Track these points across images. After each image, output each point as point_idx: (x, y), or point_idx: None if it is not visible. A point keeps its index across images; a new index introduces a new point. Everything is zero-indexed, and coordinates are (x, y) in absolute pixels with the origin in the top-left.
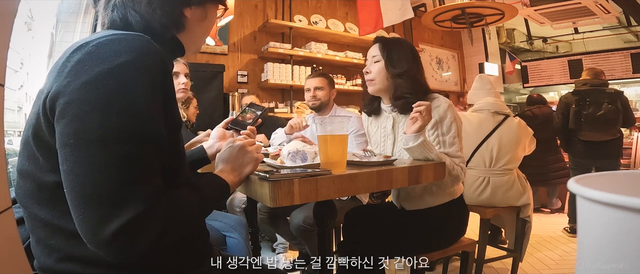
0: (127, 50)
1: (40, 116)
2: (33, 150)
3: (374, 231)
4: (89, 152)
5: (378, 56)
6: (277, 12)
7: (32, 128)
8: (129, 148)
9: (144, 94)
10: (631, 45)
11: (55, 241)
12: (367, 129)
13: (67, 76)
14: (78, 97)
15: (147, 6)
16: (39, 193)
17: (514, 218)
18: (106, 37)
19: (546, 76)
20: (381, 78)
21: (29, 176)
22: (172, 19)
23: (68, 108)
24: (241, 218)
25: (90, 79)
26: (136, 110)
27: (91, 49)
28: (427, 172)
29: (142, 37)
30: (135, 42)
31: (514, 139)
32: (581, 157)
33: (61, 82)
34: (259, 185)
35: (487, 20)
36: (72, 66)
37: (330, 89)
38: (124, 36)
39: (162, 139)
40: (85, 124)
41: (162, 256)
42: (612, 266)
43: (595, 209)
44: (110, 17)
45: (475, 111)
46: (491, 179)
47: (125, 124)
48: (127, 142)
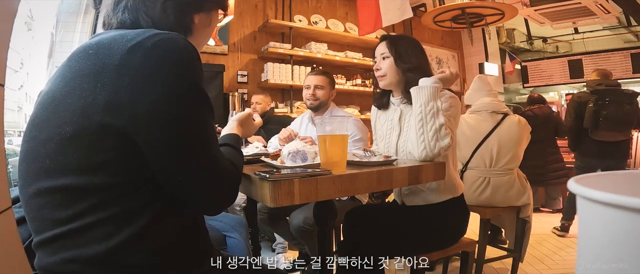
0: (183, 48)
1: (91, 116)
2: (64, 148)
3: (374, 231)
4: (197, 147)
5: (386, 53)
6: (277, 12)
7: (71, 126)
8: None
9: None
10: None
11: (63, 242)
12: (375, 123)
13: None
14: (164, 100)
15: (161, 11)
16: (57, 193)
17: (514, 218)
18: (156, 35)
19: (546, 76)
20: (392, 73)
21: (49, 175)
22: (182, 24)
23: (157, 114)
24: (241, 218)
25: (169, 83)
26: (206, 98)
27: (152, 50)
28: (427, 172)
29: (178, 34)
30: (180, 39)
31: (514, 138)
32: (591, 157)
33: (135, 84)
34: (259, 185)
35: (487, 20)
36: (140, 68)
37: (330, 89)
38: (172, 37)
39: None
40: (185, 125)
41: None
42: (612, 266)
43: (595, 209)
44: (120, 18)
45: (473, 112)
46: (491, 180)
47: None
48: (214, 130)
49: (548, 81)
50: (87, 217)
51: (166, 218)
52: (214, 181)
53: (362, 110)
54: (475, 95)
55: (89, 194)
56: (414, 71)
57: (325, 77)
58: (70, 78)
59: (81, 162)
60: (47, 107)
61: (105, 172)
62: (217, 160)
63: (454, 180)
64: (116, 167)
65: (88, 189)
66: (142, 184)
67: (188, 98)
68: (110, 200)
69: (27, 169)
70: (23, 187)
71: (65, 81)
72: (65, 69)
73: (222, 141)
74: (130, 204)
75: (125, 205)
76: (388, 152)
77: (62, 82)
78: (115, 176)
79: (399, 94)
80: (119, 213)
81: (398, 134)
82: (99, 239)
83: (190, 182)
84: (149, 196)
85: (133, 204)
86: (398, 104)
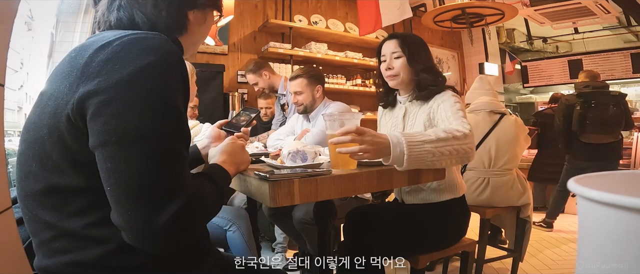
0: (153, 49)
1: (60, 117)
2: (45, 151)
3: (374, 231)
4: (132, 149)
5: (399, 52)
6: (277, 12)
7: (47, 128)
8: (170, 142)
9: (175, 89)
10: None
11: (60, 244)
12: (380, 120)
13: (97, 76)
14: (114, 96)
15: (153, 7)
16: (45, 195)
17: (514, 218)
18: (128, 36)
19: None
20: (405, 73)
21: (36, 178)
22: (176, 21)
23: (104, 107)
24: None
25: (125, 77)
26: (172, 105)
27: (117, 48)
28: (427, 172)
29: (160, 36)
30: (156, 40)
31: (511, 138)
32: (581, 159)
33: (90, 82)
34: (259, 185)
35: (487, 20)
36: (100, 66)
37: (312, 89)
38: (144, 35)
39: (189, 133)
40: (127, 122)
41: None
42: (612, 266)
43: (595, 209)
44: (116, 16)
45: (471, 111)
46: (491, 180)
47: (164, 120)
48: (167, 137)
49: (548, 81)
50: (79, 219)
51: None
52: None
53: (362, 110)
54: (475, 93)
55: (76, 196)
56: (427, 72)
57: (302, 79)
58: (52, 79)
59: (62, 164)
60: (36, 109)
61: (86, 174)
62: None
63: (456, 180)
64: (96, 168)
65: (74, 190)
66: None
67: (141, 103)
68: (99, 202)
69: (20, 171)
70: (18, 189)
71: (50, 83)
72: (54, 70)
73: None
74: None
75: None
76: None
77: (48, 84)
78: (96, 177)
79: (406, 92)
80: None
81: (401, 131)
82: (95, 242)
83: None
84: None
85: None
86: (404, 102)
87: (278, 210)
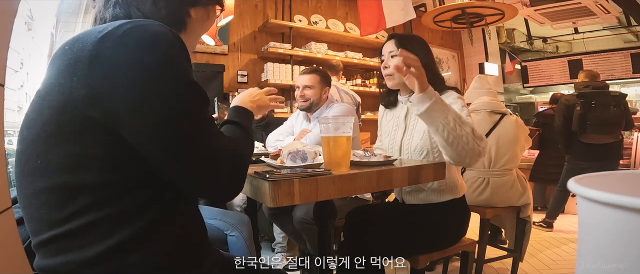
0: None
1: (69, 112)
2: (45, 149)
3: (374, 231)
4: (183, 131)
5: (395, 52)
6: (277, 12)
7: (49, 125)
8: (206, 112)
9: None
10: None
11: (60, 244)
12: (381, 120)
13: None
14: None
15: (152, 5)
16: (45, 194)
17: (514, 218)
18: (128, 24)
19: (546, 75)
20: None
21: (36, 176)
22: (176, 19)
23: (135, 104)
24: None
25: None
26: (191, 81)
27: (123, 37)
28: (427, 172)
29: (156, 21)
30: (155, 26)
31: (511, 139)
32: (582, 160)
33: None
34: (259, 185)
35: (487, 20)
36: (111, 57)
37: (322, 88)
38: (143, 23)
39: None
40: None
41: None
42: (612, 266)
43: (595, 209)
44: (113, 13)
45: (472, 111)
46: (491, 180)
47: (194, 97)
48: (203, 108)
49: (548, 81)
50: (82, 218)
51: (165, 219)
52: (212, 165)
53: (362, 110)
54: (475, 93)
55: (81, 194)
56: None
57: (314, 75)
58: (50, 75)
59: (68, 160)
60: (35, 106)
61: (94, 170)
62: (212, 143)
63: (456, 181)
64: (105, 164)
65: (79, 188)
66: (136, 183)
67: (166, 84)
68: (104, 200)
69: (21, 170)
70: (19, 188)
71: (47, 79)
72: (49, 67)
73: (228, 116)
74: (126, 204)
75: (120, 206)
76: (392, 149)
77: (46, 80)
78: (104, 173)
79: (406, 92)
80: (115, 213)
81: (403, 131)
82: (97, 241)
83: (185, 171)
84: (145, 196)
85: (128, 204)
86: (405, 102)
87: (278, 210)
